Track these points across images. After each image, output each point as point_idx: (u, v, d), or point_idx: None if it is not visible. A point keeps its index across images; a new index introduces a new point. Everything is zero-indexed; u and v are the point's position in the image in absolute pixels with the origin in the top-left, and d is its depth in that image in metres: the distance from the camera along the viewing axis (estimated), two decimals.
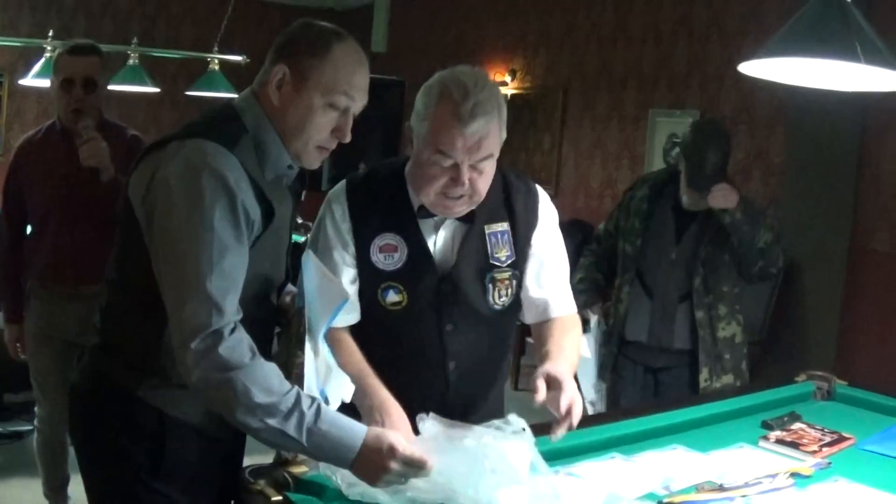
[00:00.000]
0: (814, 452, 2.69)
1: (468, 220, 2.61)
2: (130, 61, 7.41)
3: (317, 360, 2.27)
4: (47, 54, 7.09)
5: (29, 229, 4.23)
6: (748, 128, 7.07)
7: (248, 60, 7.64)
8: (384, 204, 2.59)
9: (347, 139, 2.34)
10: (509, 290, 2.67)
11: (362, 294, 2.59)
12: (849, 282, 6.28)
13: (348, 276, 2.56)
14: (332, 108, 2.28)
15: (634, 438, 2.74)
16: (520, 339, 7.76)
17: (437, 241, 2.63)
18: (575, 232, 8.16)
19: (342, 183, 2.66)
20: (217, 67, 7.44)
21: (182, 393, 2.15)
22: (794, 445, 2.73)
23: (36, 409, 4.33)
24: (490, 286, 2.64)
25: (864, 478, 2.52)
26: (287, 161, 2.30)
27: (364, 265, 2.57)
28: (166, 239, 2.09)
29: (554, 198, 8.35)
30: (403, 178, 2.62)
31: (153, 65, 7.76)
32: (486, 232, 2.66)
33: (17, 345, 4.28)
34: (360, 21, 11.31)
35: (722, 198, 4.02)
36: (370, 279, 2.57)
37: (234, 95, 7.16)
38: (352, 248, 2.57)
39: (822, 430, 2.89)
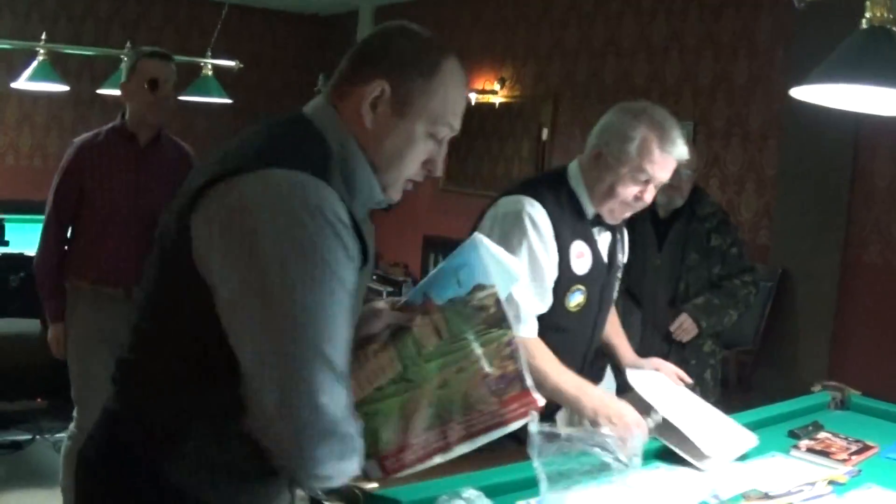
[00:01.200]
0: (844, 461, 2.81)
1: (611, 227, 3.01)
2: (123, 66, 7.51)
3: None
4: (40, 57, 7.19)
5: (74, 232, 4.31)
6: (741, 140, 7.23)
7: (242, 66, 7.77)
8: (569, 214, 2.86)
9: (439, 173, 2.01)
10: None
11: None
12: (841, 293, 6.43)
13: (552, 283, 2.83)
14: (432, 137, 1.92)
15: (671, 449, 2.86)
16: None
17: (600, 245, 2.98)
18: None
19: (527, 198, 2.84)
20: (210, 73, 7.54)
21: (230, 481, 1.83)
22: (824, 454, 2.86)
23: (74, 413, 4.36)
24: (617, 283, 3.15)
25: (893, 484, 2.65)
26: (379, 195, 1.93)
27: (563, 270, 2.84)
28: (267, 302, 1.64)
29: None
30: (572, 190, 2.89)
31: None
32: (617, 237, 3.08)
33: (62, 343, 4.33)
34: (344, 27, 11.45)
35: (684, 332, 4.42)
36: (563, 283, 2.85)
37: (227, 101, 7.31)
38: (556, 256, 2.82)
39: (846, 438, 3.02)
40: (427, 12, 10.49)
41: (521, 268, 2.57)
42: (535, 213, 2.79)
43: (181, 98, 7.87)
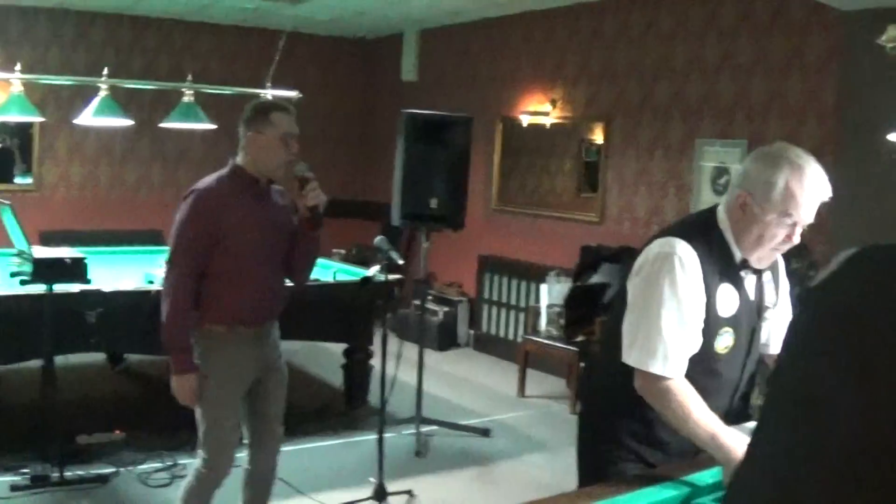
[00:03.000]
0: None
1: (757, 269, 3.06)
2: (185, 98, 7.84)
3: None
4: (103, 93, 7.48)
5: (206, 279, 4.34)
6: None
7: (301, 96, 8.03)
8: (717, 258, 2.94)
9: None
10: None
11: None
12: None
13: (700, 324, 2.91)
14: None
15: None
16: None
17: (748, 287, 3.04)
18: (626, 259, 8.51)
19: (678, 240, 2.91)
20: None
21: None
22: None
23: (203, 454, 4.44)
24: (763, 325, 3.16)
25: None
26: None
27: (709, 313, 2.91)
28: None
29: (599, 224, 8.73)
30: (722, 233, 2.99)
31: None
32: (763, 279, 3.12)
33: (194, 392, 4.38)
34: (389, 50, 11.70)
35: None
36: (710, 326, 2.93)
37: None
38: (703, 298, 2.89)
39: None
40: (475, 34, 10.72)
41: (669, 310, 2.80)
42: (685, 255, 2.86)
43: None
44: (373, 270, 7.38)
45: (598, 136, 9.46)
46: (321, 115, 11.60)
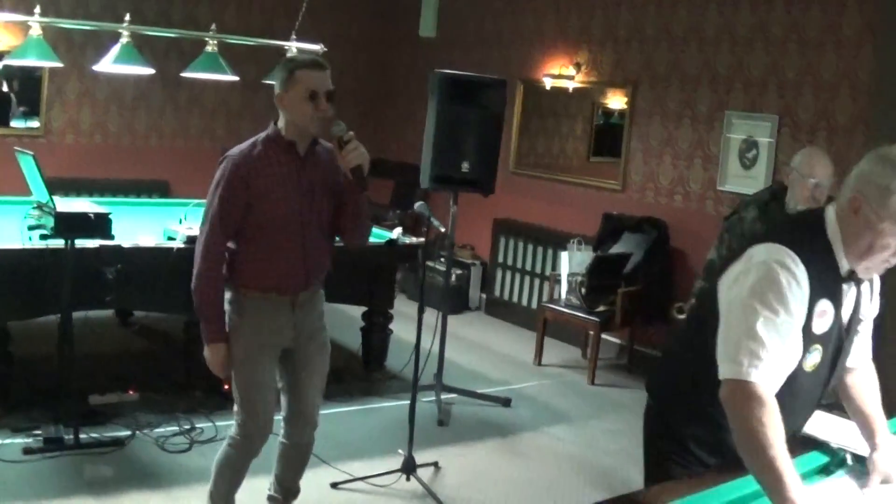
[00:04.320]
0: None
1: (858, 281, 2.88)
2: (208, 48, 7.62)
3: None
4: (124, 40, 7.23)
5: (238, 245, 4.27)
6: (827, 134, 7.26)
7: (325, 49, 7.82)
8: (822, 271, 2.73)
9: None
10: None
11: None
12: None
13: (797, 341, 2.72)
14: None
15: None
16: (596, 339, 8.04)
17: (846, 302, 2.86)
18: (648, 229, 8.37)
19: (791, 253, 2.71)
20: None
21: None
22: None
23: (238, 421, 4.32)
24: (854, 338, 3.02)
25: None
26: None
27: (804, 329, 2.71)
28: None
29: (621, 192, 8.61)
30: (829, 242, 2.79)
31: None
32: (862, 289, 2.93)
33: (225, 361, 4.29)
34: (408, 4, 11.43)
35: None
36: (803, 343, 2.73)
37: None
38: (804, 313, 2.70)
39: None
40: None
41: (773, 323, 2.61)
42: (795, 268, 2.66)
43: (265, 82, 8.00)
44: (397, 233, 7.31)
45: (612, 101, 9.35)
46: (335, 70, 11.32)
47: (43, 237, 5.56)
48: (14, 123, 10.18)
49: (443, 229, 6.19)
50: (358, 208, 4.31)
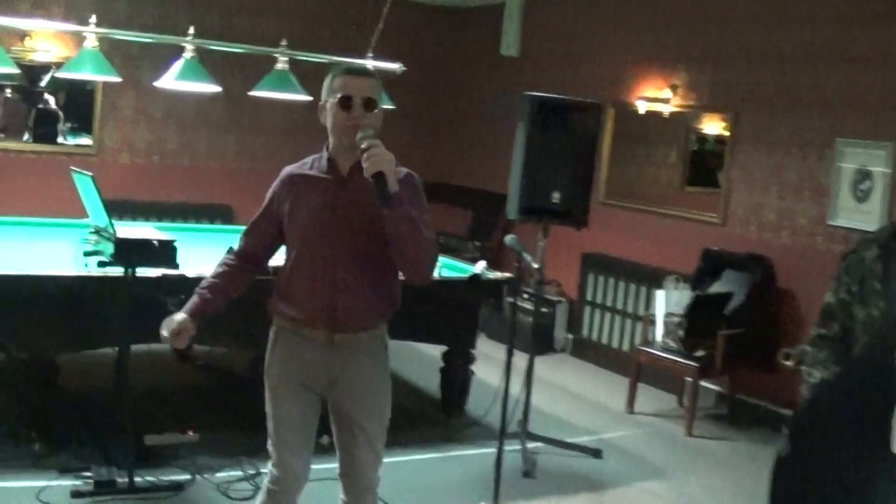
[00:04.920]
0: None
1: None
2: (279, 65, 7.62)
3: None
4: (188, 54, 7.23)
5: (281, 267, 4.25)
6: None
7: (405, 69, 7.78)
8: None
9: None
10: None
11: None
12: None
13: None
14: None
15: None
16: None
17: None
18: (752, 267, 8.20)
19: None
20: None
21: None
22: None
23: (270, 468, 4.23)
24: None
25: None
26: None
27: None
28: None
29: (721, 226, 8.46)
30: None
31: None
32: None
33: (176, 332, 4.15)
34: (488, 21, 11.39)
35: None
36: None
37: (389, 107, 7.32)
38: None
39: None
40: (587, 6, 10.41)
41: None
42: None
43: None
44: (480, 267, 7.23)
45: (707, 126, 9.26)
46: (411, 89, 11.30)
47: (101, 264, 5.54)
48: (61, 140, 10.26)
49: (536, 265, 6.07)
50: (394, 233, 3.86)
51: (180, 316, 4.13)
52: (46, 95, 10.21)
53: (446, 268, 7.39)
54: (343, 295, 4.02)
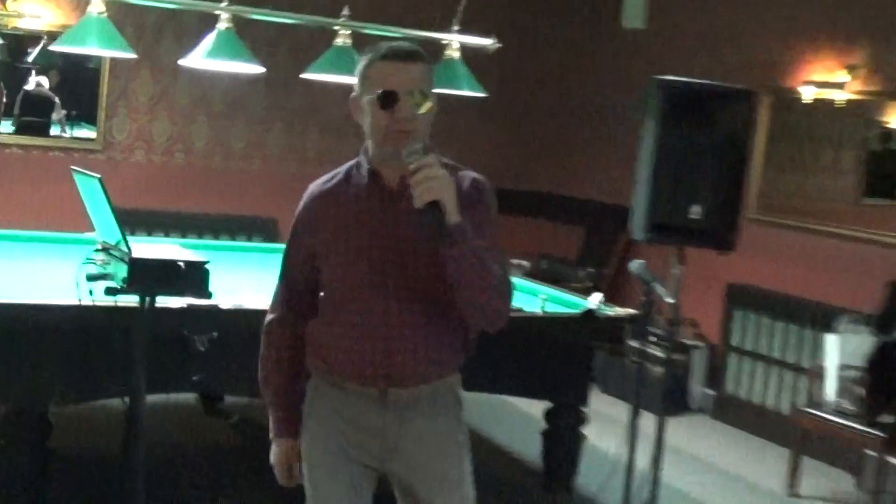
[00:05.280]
0: None
1: None
2: (339, 41, 7.61)
3: None
4: (222, 25, 7.19)
5: (320, 303, 4.19)
6: None
7: (500, 45, 7.70)
8: None
9: None
10: None
11: None
12: None
13: None
14: None
15: None
16: None
17: None
18: None
19: None
20: (458, 55, 7.52)
21: None
22: None
23: None
24: None
25: None
26: None
27: None
28: None
29: None
30: None
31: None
32: None
33: (290, 466, 4.27)
34: None
35: None
36: None
37: (479, 94, 7.25)
38: None
39: None
40: None
41: None
42: None
43: None
44: (595, 301, 7.12)
45: (894, 119, 9.15)
46: (505, 71, 11.27)
47: (109, 291, 5.39)
48: (56, 132, 10.27)
49: (670, 300, 5.95)
50: (456, 274, 3.74)
51: (281, 446, 4.21)
52: (36, 75, 10.21)
53: (551, 301, 7.38)
54: (399, 343, 3.92)
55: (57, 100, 10.29)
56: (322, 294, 4.12)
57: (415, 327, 3.91)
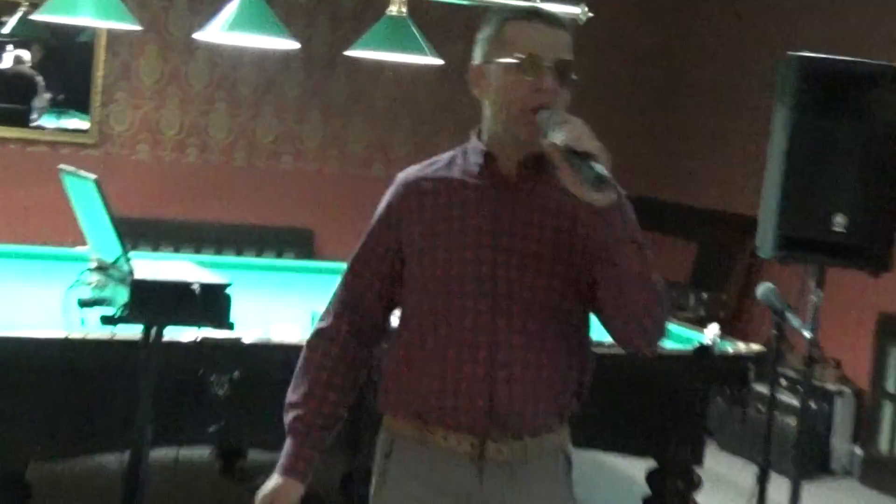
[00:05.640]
0: None
1: None
2: (391, 9, 7.64)
3: None
4: None
5: (394, 334, 4.14)
6: None
7: (591, 14, 7.75)
8: None
9: None
10: None
11: None
12: None
13: None
14: None
15: None
16: None
17: None
18: None
19: None
20: None
21: None
22: None
23: None
24: None
25: None
26: None
27: None
28: None
29: None
30: None
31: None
32: None
33: None
34: None
35: None
36: None
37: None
38: None
39: None
40: None
41: None
42: None
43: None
44: (711, 334, 7.13)
45: None
46: (601, 50, 11.31)
47: (105, 321, 5.43)
48: (42, 122, 10.34)
49: (808, 335, 5.98)
50: (614, 249, 3.57)
51: (275, 481, 4.13)
52: (13, 49, 10.29)
53: None
54: (506, 372, 3.82)
55: (40, 80, 10.39)
56: (401, 312, 4.06)
57: (527, 359, 3.82)
